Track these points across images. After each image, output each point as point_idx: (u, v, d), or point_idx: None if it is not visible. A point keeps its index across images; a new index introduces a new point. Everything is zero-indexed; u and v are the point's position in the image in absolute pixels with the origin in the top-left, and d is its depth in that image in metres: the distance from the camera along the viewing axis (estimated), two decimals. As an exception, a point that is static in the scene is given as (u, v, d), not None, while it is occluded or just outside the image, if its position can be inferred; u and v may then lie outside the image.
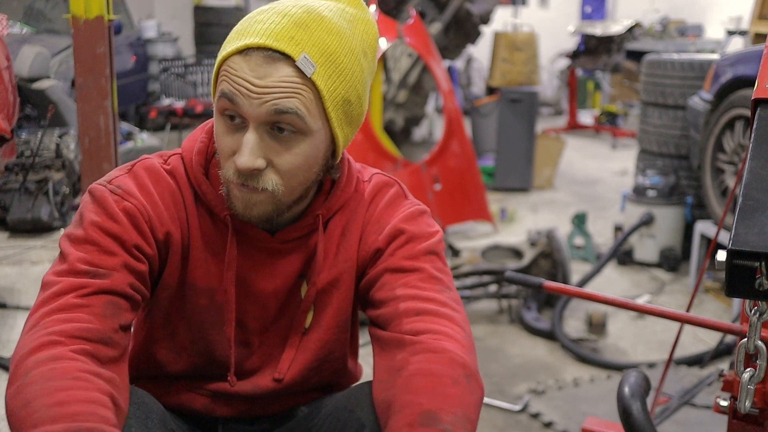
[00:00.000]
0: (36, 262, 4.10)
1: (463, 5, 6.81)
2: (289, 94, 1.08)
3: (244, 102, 1.08)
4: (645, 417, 1.54)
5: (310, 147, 1.13)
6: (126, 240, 1.14)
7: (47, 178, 4.69)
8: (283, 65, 1.08)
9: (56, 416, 0.96)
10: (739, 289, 1.01)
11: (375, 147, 4.56)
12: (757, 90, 1.22)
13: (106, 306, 1.10)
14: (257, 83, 1.08)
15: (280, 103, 1.08)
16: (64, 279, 1.10)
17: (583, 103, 10.66)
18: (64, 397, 0.98)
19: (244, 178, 1.12)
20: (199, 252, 1.23)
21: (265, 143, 1.11)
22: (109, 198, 1.16)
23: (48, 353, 1.03)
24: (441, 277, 1.23)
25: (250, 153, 1.10)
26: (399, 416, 1.05)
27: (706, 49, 8.06)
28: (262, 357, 1.30)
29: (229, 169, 1.14)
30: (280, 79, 1.08)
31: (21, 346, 1.05)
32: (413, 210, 1.28)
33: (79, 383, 1.01)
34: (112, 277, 1.11)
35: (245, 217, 1.17)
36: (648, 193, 4.30)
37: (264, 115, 1.09)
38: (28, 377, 1.01)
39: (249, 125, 1.10)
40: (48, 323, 1.06)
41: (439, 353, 1.11)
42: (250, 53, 1.08)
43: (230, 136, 1.13)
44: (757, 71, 1.26)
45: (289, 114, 1.09)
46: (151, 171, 1.22)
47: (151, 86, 8.51)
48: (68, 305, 1.08)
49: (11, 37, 6.09)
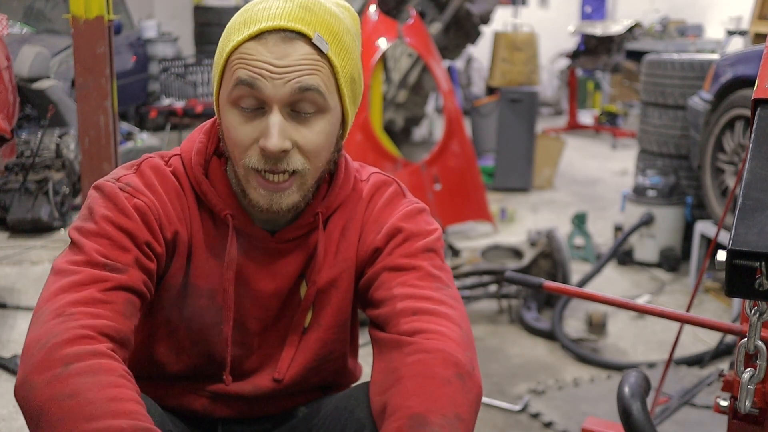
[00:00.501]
0: (36, 262, 4.10)
1: (463, 5, 6.81)
2: (310, 71, 1.10)
3: (267, 84, 1.09)
4: (645, 417, 1.54)
5: (329, 125, 1.16)
6: (138, 237, 1.14)
7: (47, 178, 4.69)
8: (301, 43, 1.10)
9: (116, 412, 0.95)
10: (739, 289, 1.01)
11: (375, 147, 4.56)
12: (757, 90, 1.22)
13: (126, 305, 1.09)
14: (278, 63, 1.09)
15: (303, 80, 1.10)
16: (83, 269, 1.09)
17: (583, 103, 10.66)
18: (118, 394, 0.98)
19: (272, 163, 1.12)
20: (201, 252, 1.22)
21: (289, 124, 1.12)
22: (119, 194, 1.15)
23: (88, 347, 1.01)
24: (439, 275, 1.23)
25: (279, 134, 1.10)
26: (390, 420, 1.06)
27: (706, 49, 8.06)
28: (261, 357, 1.30)
29: (252, 158, 1.13)
30: (300, 57, 1.10)
31: (48, 332, 1.02)
32: (411, 208, 1.28)
33: (126, 382, 1.01)
34: (128, 273, 1.11)
35: (272, 210, 1.16)
36: (648, 193, 4.30)
37: (288, 95, 1.10)
38: (71, 368, 0.98)
39: (272, 108, 1.11)
40: (77, 315, 1.04)
41: (432, 353, 1.11)
42: (265, 37, 1.10)
43: (248, 125, 1.13)
44: (757, 71, 1.26)
45: (311, 91, 1.11)
46: (157, 170, 1.21)
47: (151, 86, 8.51)
48: (93, 299, 1.06)
49: (11, 37, 6.09)
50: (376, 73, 4.90)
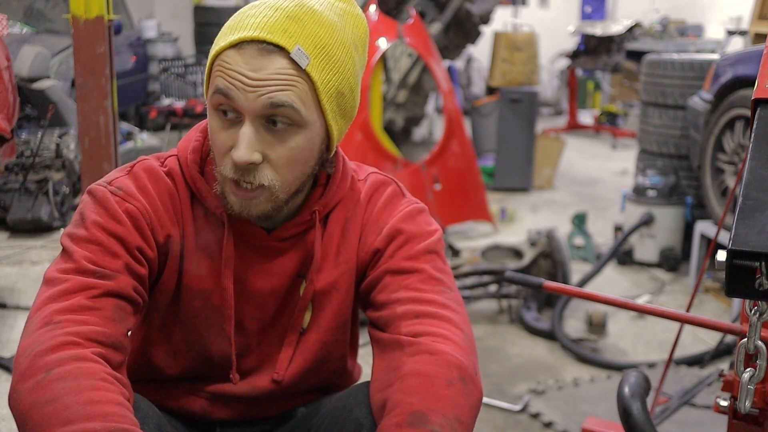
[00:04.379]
0: (36, 262, 4.10)
1: (463, 5, 6.81)
2: (284, 86, 1.08)
3: (240, 96, 1.08)
4: (645, 417, 1.54)
5: (305, 140, 1.13)
6: (129, 242, 1.14)
7: (47, 178, 4.69)
8: (278, 57, 1.08)
9: (90, 414, 0.95)
10: (739, 289, 1.01)
11: (375, 147, 4.56)
12: (757, 90, 1.22)
13: (115, 310, 1.10)
14: (252, 76, 1.07)
15: (276, 96, 1.08)
16: (72, 277, 1.09)
17: (583, 103, 10.65)
18: (95, 397, 0.98)
19: (240, 173, 1.11)
20: (193, 254, 1.22)
21: (261, 137, 1.11)
22: (111, 199, 1.15)
23: (71, 352, 1.02)
24: (441, 278, 1.22)
25: (246, 147, 1.09)
26: (390, 416, 1.06)
27: (706, 49, 8.06)
28: (260, 358, 1.29)
29: (226, 166, 1.13)
30: (275, 71, 1.08)
31: (35, 341, 1.03)
32: (411, 209, 1.27)
33: (107, 385, 1.00)
34: (117, 279, 1.11)
35: (243, 216, 1.17)
36: (648, 193, 4.30)
37: (260, 109, 1.08)
38: (52, 374, 0.99)
39: (245, 119, 1.10)
40: (63, 323, 1.05)
41: (435, 355, 1.11)
42: (244, 46, 1.08)
43: (225, 132, 1.12)
44: (757, 71, 1.26)
45: (284, 107, 1.08)
46: (150, 172, 1.21)
47: (151, 86, 8.51)
48: (80, 306, 1.07)
49: (11, 37, 6.09)
50: (376, 73, 4.90)
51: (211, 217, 1.22)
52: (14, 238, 4.55)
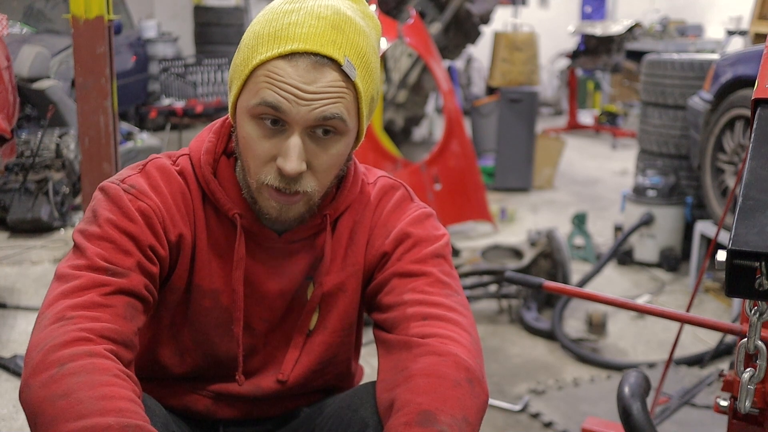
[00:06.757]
0: (36, 262, 4.10)
1: (463, 5, 6.81)
2: (336, 99, 1.09)
3: (291, 109, 1.08)
4: (645, 417, 1.55)
5: (344, 146, 1.15)
6: (141, 240, 1.14)
7: (47, 178, 4.69)
8: (330, 70, 1.08)
9: (104, 410, 0.95)
10: (739, 289, 1.01)
11: (375, 147, 4.56)
12: (757, 90, 1.22)
13: (126, 308, 1.10)
14: (306, 89, 1.07)
15: (329, 108, 1.09)
16: (85, 273, 1.09)
17: (583, 103, 10.66)
18: (109, 392, 0.98)
19: (286, 182, 1.12)
20: (204, 254, 1.22)
21: (306, 146, 1.11)
22: (124, 197, 1.15)
23: (84, 348, 1.02)
24: (448, 281, 1.23)
25: (297, 158, 1.09)
26: (398, 415, 1.06)
27: (706, 49, 8.06)
28: (265, 358, 1.30)
29: (268, 174, 1.12)
30: (327, 84, 1.08)
31: (48, 336, 1.03)
32: (419, 213, 1.28)
33: (120, 381, 1.01)
34: (129, 277, 1.11)
35: (279, 220, 1.17)
36: (648, 193, 4.30)
37: (312, 121, 1.09)
38: (65, 368, 0.99)
39: (293, 130, 1.10)
40: (76, 319, 1.05)
41: (444, 356, 1.12)
42: (296, 58, 1.08)
43: (268, 141, 1.11)
44: (757, 71, 1.26)
45: (334, 119, 1.09)
46: (163, 171, 1.21)
47: (151, 86, 8.51)
48: (92, 303, 1.07)
49: (11, 37, 6.09)
50: (376, 73, 4.90)
51: (222, 218, 1.22)
52: (14, 238, 4.55)
